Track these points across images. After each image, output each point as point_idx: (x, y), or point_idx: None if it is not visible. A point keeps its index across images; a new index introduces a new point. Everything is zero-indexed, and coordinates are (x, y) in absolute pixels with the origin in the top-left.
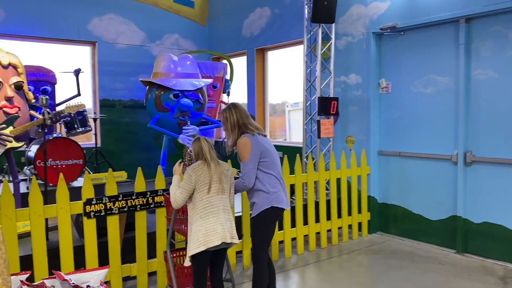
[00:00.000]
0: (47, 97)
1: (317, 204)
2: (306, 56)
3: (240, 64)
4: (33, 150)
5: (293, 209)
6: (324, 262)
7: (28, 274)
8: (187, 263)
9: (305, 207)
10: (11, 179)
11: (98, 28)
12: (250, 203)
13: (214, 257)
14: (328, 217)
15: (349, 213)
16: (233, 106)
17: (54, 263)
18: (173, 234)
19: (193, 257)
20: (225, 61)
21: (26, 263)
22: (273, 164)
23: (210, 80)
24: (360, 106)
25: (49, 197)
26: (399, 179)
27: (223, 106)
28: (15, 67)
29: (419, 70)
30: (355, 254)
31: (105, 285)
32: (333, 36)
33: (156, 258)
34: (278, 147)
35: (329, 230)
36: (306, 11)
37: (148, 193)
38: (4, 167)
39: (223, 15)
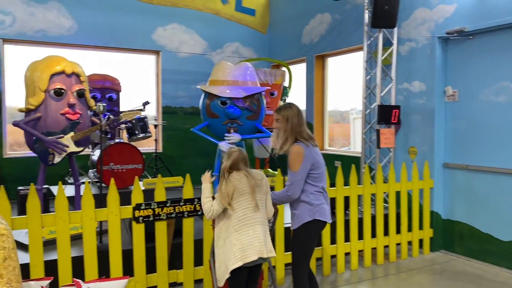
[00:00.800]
0: (104, 104)
1: (373, 218)
2: (366, 63)
3: (299, 71)
4: (96, 154)
5: (347, 223)
6: (379, 280)
7: (50, 280)
8: (222, 282)
9: (360, 220)
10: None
11: (162, 38)
12: (291, 213)
13: (250, 273)
14: (386, 232)
15: (409, 229)
16: (293, 106)
17: (104, 266)
18: None
19: (230, 275)
20: (284, 68)
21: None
22: (320, 177)
23: (263, 88)
24: (424, 115)
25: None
26: (466, 194)
27: None
28: (78, 76)
29: (489, 77)
30: (414, 273)
31: None
32: (395, 42)
33: (203, 266)
34: (336, 156)
35: (386, 246)
36: (366, 16)
37: (196, 200)
38: (69, 170)
39: (284, 22)
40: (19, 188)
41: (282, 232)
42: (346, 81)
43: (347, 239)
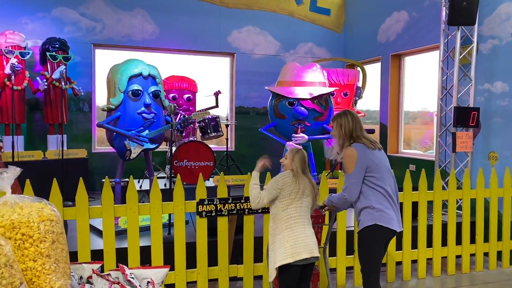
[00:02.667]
0: (175, 105)
1: (444, 226)
2: (442, 62)
3: (374, 70)
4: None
5: (414, 229)
6: None
7: (101, 264)
8: (272, 276)
9: (429, 227)
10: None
11: (237, 40)
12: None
13: (301, 272)
14: (458, 242)
15: (486, 239)
16: (350, 114)
17: (170, 256)
18: None
19: (280, 272)
20: (358, 68)
21: (143, 254)
22: (382, 180)
23: (331, 89)
24: (507, 118)
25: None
26: None
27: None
28: (154, 78)
29: None
30: (490, 286)
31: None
32: (475, 39)
33: (263, 263)
34: (412, 160)
35: (458, 256)
36: (443, 13)
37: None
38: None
39: (359, 21)
40: (103, 180)
41: (343, 234)
42: (424, 81)
43: (414, 246)
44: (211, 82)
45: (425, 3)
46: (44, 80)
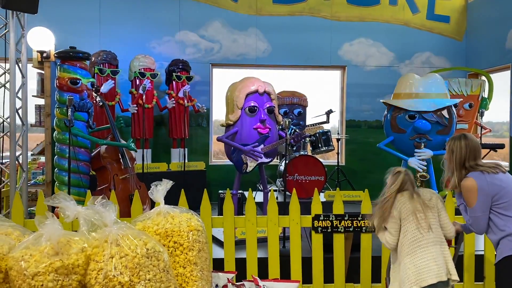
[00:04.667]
0: (290, 120)
1: None
2: None
3: (502, 79)
4: (283, 165)
5: None
6: None
7: (235, 274)
8: None
9: None
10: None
11: (348, 53)
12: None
13: None
14: None
15: None
16: (464, 139)
17: (286, 269)
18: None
19: None
20: (483, 77)
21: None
22: None
23: (456, 100)
24: None
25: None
26: None
27: (480, 128)
28: (269, 94)
29: None
30: None
31: None
32: None
33: (380, 284)
34: None
35: None
36: None
37: (366, 217)
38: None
39: (483, 27)
40: (220, 191)
41: (472, 259)
42: None
43: None
44: (322, 96)
45: None
46: (172, 99)
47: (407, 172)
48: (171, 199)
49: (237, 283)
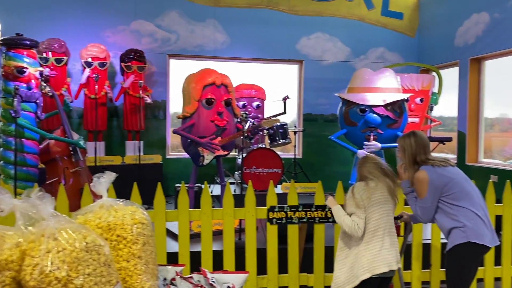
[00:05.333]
0: (247, 112)
1: None
2: None
3: (450, 75)
4: (241, 158)
5: (498, 245)
6: None
7: (184, 267)
8: (356, 282)
9: None
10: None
11: (305, 47)
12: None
13: (379, 286)
14: None
15: None
16: (414, 136)
17: (241, 261)
18: None
19: (358, 284)
20: (433, 73)
21: (215, 258)
22: (464, 194)
23: (405, 95)
24: None
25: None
26: None
27: (430, 121)
28: (226, 86)
29: None
30: None
31: None
32: None
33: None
34: (493, 170)
35: None
36: None
37: (327, 207)
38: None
39: (434, 24)
40: (176, 185)
41: (420, 248)
42: (507, 85)
43: (498, 262)
44: (280, 89)
45: (509, 3)
46: (109, 89)
47: (378, 159)
48: (125, 192)
49: (185, 276)
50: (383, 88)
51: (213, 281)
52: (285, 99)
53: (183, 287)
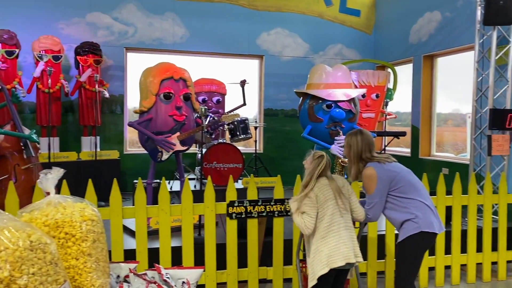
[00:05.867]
0: (206, 107)
1: (479, 231)
2: (477, 63)
3: (405, 72)
4: (200, 153)
5: (448, 234)
6: None
7: (137, 263)
8: (311, 284)
9: (463, 233)
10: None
11: (266, 42)
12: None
13: (336, 278)
14: (494, 248)
15: None
16: (360, 134)
17: (200, 257)
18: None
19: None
20: (389, 70)
21: (174, 254)
22: (411, 187)
23: (363, 90)
24: None
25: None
26: None
27: (385, 116)
28: (185, 81)
29: None
30: None
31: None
32: None
33: (292, 265)
34: (444, 163)
35: (494, 263)
36: (478, 13)
37: (286, 201)
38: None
39: (390, 22)
40: (135, 181)
41: (375, 239)
42: (458, 82)
43: (448, 251)
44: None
45: (459, 2)
46: (66, 83)
47: (327, 156)
48: (81, 190)
49: (139, 273)
50: (340, 83)
51: (168, 277)
52: (243, 83)
53: (137, 284)
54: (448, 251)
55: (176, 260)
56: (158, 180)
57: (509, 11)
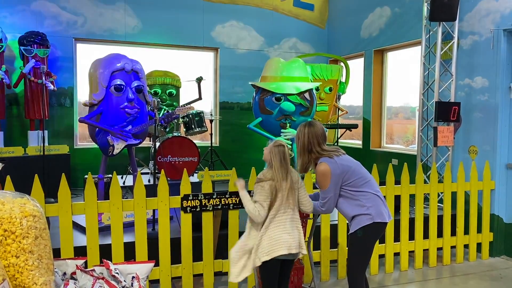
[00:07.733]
0: (159, 100)
1: (426, 219)
2: (424, 58)
3: (357, 66)
4: (153, 147)
5: (397, 222)
6: (431, 283)
7: (85, 260)
8: (257, 263)
9: (411, 221)
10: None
11: (220, 35)
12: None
13: (281, 268)
14: (440, 234)
15: (466, 232)
16: (309, 126)
17: (155, 252)
18: None
19: (261, 266)
20: (341, 63)
21: (128, 250)
22: (363, 179)
23: (316, 84)
24: (486, 113)
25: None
26: None
27: (337, 110)
28: (136, 73)
29: None
30: (469, 277)
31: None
32: (456, 35)
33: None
34: (394, 154)
35: (439, 249)
36: (425, 9)
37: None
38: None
39: (342, 17)
40: (86, 176)
41: (327, 228)
42: (407, 76)
43: (397, 239)
44: (195, 77)
45: None
46: (5, 74)
47: (284, 146)
48: (28, 186)
49: (86, 269)
50: (295, 77)
51: (117, 273)
52: (199, 80)
53: (84, 281)
54: (397, 238)
55: (130, 256)
56: (110, 175)
57: (453, 8)
